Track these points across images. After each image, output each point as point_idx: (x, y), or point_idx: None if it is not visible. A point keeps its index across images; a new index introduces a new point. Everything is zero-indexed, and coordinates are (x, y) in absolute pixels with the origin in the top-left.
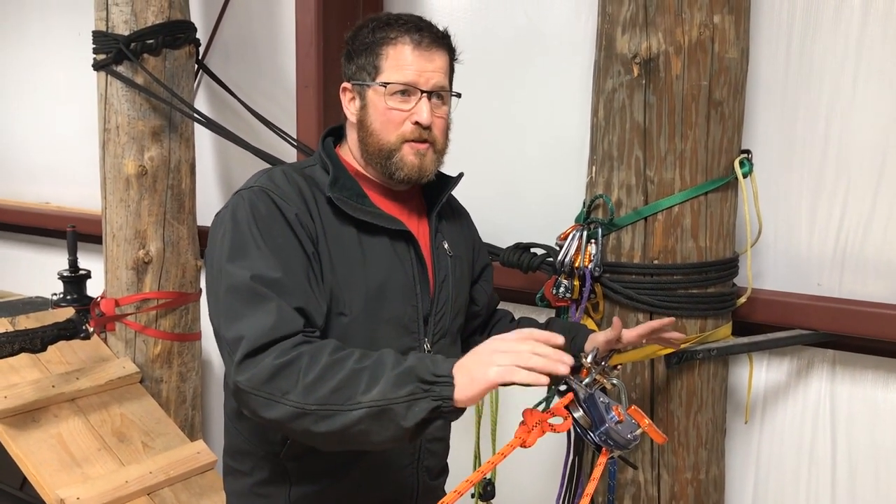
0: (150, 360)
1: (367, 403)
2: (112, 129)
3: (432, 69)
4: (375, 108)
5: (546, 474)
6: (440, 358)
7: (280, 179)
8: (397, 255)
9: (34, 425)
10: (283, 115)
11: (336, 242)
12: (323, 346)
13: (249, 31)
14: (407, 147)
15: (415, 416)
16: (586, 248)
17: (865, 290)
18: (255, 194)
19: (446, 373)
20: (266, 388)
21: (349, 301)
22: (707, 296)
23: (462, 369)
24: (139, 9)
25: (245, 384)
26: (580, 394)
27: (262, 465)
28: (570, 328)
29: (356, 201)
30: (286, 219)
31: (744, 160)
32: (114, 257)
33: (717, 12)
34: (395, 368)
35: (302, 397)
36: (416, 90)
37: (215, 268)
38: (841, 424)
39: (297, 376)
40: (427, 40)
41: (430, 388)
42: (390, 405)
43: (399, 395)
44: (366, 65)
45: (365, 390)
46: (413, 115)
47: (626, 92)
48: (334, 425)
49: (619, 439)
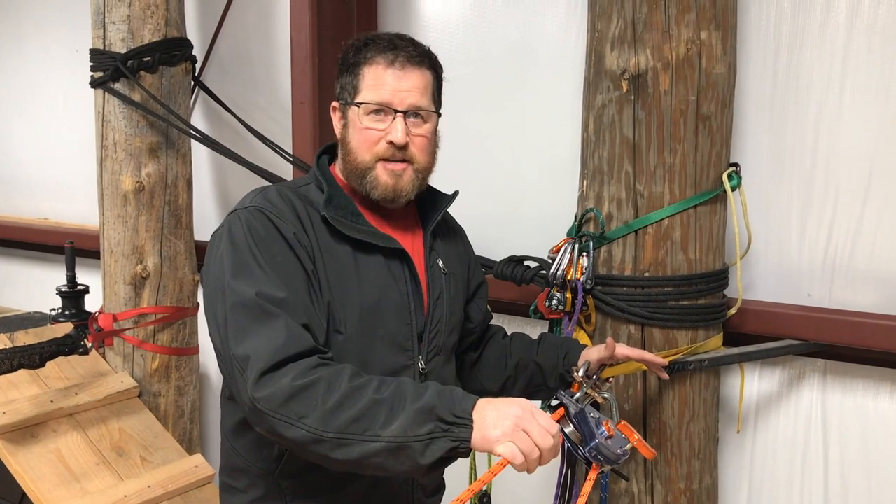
0: (149, 374)
1: (386, 438)
2: (109, 146)
3: (408, 88)
4: (354, 127)
5: (542, 486)
6: (460, 394)
7: (275, 198)
8: (391, 273)
9: (33, 440)
10: (278, 130)
11: (331, 260)
12: (341, 372)
13: (245, 49)
14: (380, 166)
15: (432, 454)
16: (578, 260)
17: (855, 300)
18: (251, 214)
19: (467, 415)
20: (283, 409)
21: (344, 319)
22: (698, 307)
23: (483, 421)
24: (136, 27)
25: (263, 404)
26: (571, 409)
27: (258, 483)
28: (563, 344)
29: (351, 220)
30: (284, 238)
31: (732, 173)
32: (112, 272)
33: (704, 28)
34: (414, 402)
35: (320, 424)
36: (390, 110)
37: (214, 286)
38: (833, 433)
39: (315, 401)
40: (402, 59)
41: (450, 429)
42: (409, 442)
43: (418, 433)
44: (347, 84)
45: (384, 424)
46: (387, 134)
47: (616, 107)
48: (351, 455)
49: (609, 454)
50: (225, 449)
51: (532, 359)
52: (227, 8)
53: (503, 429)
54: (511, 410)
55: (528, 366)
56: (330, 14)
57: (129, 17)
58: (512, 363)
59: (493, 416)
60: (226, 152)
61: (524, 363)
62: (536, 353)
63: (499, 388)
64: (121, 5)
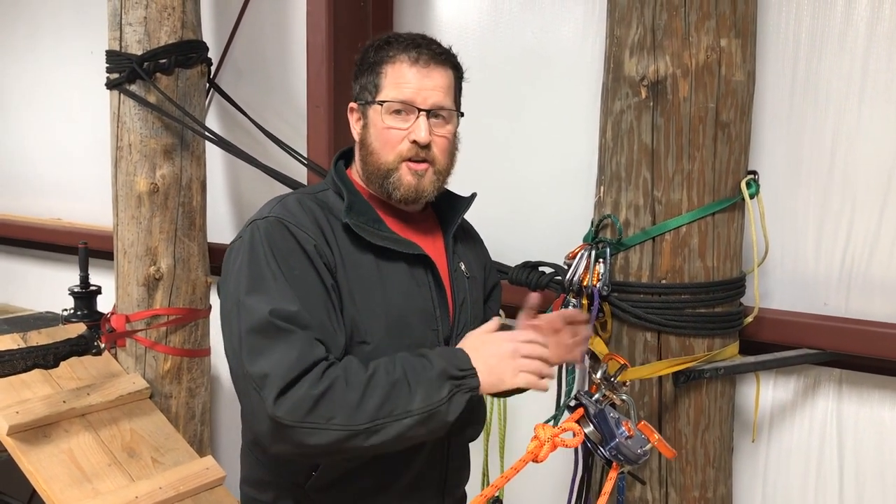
0: (160, 375)
1: (417, 411)
2: (124, 147)
3: (431, 87)
4: (375, 127)
5: (554, 490)
6: (450, 350)
7: (295, 208)
8: (415, 280)
9: (45, 440)
10: (293, 133)
11: (354, 269)
12: (349, 366)
13: (260, 51)
14: (405, 166)
15: (456, 409)
16: (594, 267)
17: (872, 310)
18: (271, 224)
19: (469, 366)
20: (310, 417)
21: (370, 329)
22: (714, 315)
23: (483, 363)
24: (152, 29)
25: (287, 418)
26: (591, 409)
27: (286, 496)
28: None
29: (373, 227)
30: (304, 250)
31: (750, 181)
32: (125, 273)
33: (724, 36)
34: (428, 371)
35: (350, 420)
36: (413, 108)
37: (231, 300)
38: (848, 443)
39: (338, 402)
40: (425, 57)
41: (462, 382)
42: (436, 408)
43: (441, 396)
44: (367, 84)
45: (409, 400)
46: (411, 133)
47: (634, 113)
48: (388, 436)
49: (630, 454)
50: (248, 461)
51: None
52: (243, 10)
53: (510, 367)
54: (503, 349)
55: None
56: (346, 17)
57: (146, 19)
58: None
59: (493, 360)
60: (240, 154)
61: None
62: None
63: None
64: (138, 7)
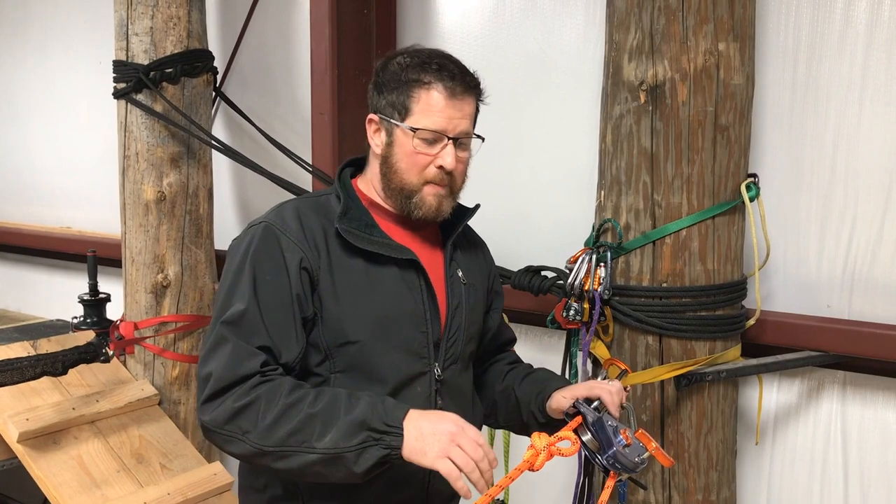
0: (169, 382)
1: (321, 450)
2: (132, 156)
3: (461, 116)
4: (402, 149)
5: (559, 495)
6: (391, 404)
7: (289, 215)
8: (406, 284)
9: (55, 447)
10: (298, 141)
11: (343, 272)
12: (279, 387)
13: (266, 60)
14: (428, 188)
15: (365, 462)
16: (596, 271)
17: (875, 312)
18: (262, 230)
19: (398, 424)
20: (227, 427)
21: (355, 330)
22: (716, 318)
23: (418, 432)
24: (158, 38)
25: (209, 423)
26: (589, 417)
27: (276, 482)
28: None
29: (364, 232)
30: (284, 258)
31: (750, 184)
32: (133, 281)
33: (723, 40)
34: (347, 414)
35: (261, 439)
36: (443, 136)
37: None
38: (852, 446)
39: (255, 418)
40: (460, 89)
41: (381, 438)
42: (342, 453)
43: (350, 444)
44: (396, 102)
45: (319, 436)
46: (438, 159)
47: (634, 118)
48: (291, 465)
49: (627, 463)
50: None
51: (514, 389)
52: (248, 20)
53: (440, 445)
54: (444, 426)
55: (510, 396)
56: (350, 26)
57: (152, 29)
58: (499, 388)
59: (428, 429)
60: (246, 162)
61: (507, 392)
62: (519, 385)
63: (488, 411)
64: (144, 17)
